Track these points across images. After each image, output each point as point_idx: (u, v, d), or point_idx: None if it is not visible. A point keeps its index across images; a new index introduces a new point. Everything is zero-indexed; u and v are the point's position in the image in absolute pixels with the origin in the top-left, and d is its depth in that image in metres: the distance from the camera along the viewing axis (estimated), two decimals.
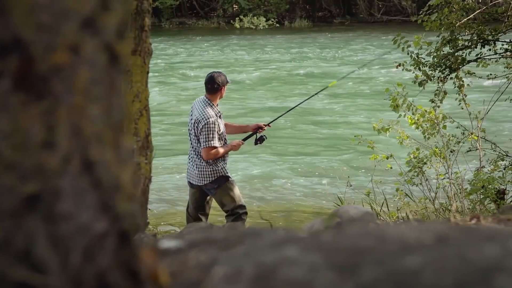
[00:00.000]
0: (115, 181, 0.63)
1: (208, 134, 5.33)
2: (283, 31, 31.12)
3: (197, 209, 5.77)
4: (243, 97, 15.39)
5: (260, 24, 32.43)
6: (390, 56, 12.17)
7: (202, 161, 5.52)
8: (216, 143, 5.40)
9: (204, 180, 5.55)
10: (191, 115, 5.59)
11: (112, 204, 0.63)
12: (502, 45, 6.70)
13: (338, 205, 6.64)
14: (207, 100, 5.50)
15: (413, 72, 6.70)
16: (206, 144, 5.35)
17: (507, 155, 6.56)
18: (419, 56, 6.59)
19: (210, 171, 5.54)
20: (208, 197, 5.77)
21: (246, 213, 5.71)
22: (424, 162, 6.56)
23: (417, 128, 6.65)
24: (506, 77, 6.83)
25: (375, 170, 7.03)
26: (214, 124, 5.36)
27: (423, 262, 0.58)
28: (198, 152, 5.54)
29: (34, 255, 0.58)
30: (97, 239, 0.61)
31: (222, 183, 5.58)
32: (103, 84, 0.62)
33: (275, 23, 32.93)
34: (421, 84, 6.71)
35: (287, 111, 6.79)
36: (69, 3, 0.60)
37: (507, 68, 6.86)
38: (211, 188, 5.60)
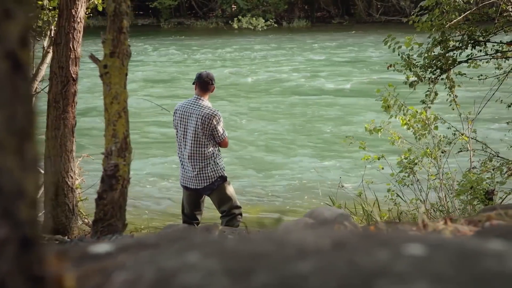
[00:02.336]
0: (17, 188, 0.64)
1: (222, 125, 5.59)
2: (281, 31, 31.13)
3: (193, 210, 5.77)
4: (234, 96, 15.39)
5: (258, 24, 32.45)
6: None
7: (203, 162, 5.51)
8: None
9: (204, 183, 5.55)
10: (185, 117, 5.54)
11: (14, 210, 0.64)
12: (493, 46, 6.69)
13: (330, 205, 6.65)
14: (200, 98, 5.56)
15: (404, 73, 6.71)
16: (225, 135, 5.63)
17: (497, 156, 6.55)
18: (410, 57, 6.59)
19: (211, 171, 5.54)
20: (204, 196, 5.77)
21: (241, 214, 5.73)
22: (415, 163, 6.56)
23: (408, 129, 6.65)
24: (497, 78, 6.82)
25: (367, 171, 7.04)
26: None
27: (314, 267, 0.59)
28: (199, 153, 5.52)
29: None
30: None
31: (220, 183, 5.60)
32: (5, 91, 0.63)
33: (273, 24, 32.94)
34: (412, 85, 6.71)
35: None
36: None
37: (497, 69, 6.85)
38: (208, 190, 5.60)
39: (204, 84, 5.58)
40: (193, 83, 5.71)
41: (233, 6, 34.77)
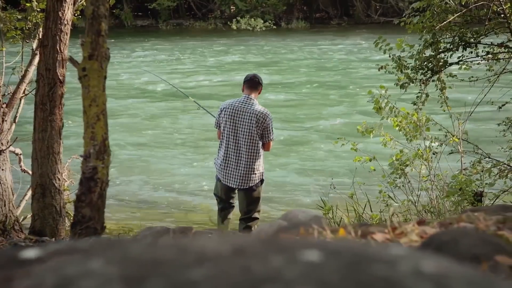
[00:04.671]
0: None
1: (273, 127, 5.66)
2: (280, 32, 31.15)
3: (228, 198, 5.78)
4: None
5: (257, 25, 32.48)
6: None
7: (256, 161, 5.55)
8: None
9: (250, 183, 5.59)
10: (237, 115, 5.54)
11: None
12: (484, 47, 6.70)
13: (322, 207, 6.65)
14: (251, 97, 5.61)
15: (396, 75, 6.72)
16: (273, 137, 5.69)
17: (489, 157, 6.55)
18: (401, 58, 6.60)
19: (258, 172, 5.60)
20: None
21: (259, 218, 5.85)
22: (407, 165, 6.56)
23: (400, 130, 6.66)
24: (488, 80, 6.83)
25: (361, 172, 7.04)
26: None
27: (208, 274, 0.59)
28: (252, 152, 5.54)
29: None
30: None
31: (259, 185, 5.69)
32: None
33: (272, 25, 32.97)
34: (403, 86, 6.72)
35: None
36: None
37: (488, 70, 6.86)
38: (250, 189, 5.64)
39: (254, 84, 5.66)
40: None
41: (232, 7, 34.80)
